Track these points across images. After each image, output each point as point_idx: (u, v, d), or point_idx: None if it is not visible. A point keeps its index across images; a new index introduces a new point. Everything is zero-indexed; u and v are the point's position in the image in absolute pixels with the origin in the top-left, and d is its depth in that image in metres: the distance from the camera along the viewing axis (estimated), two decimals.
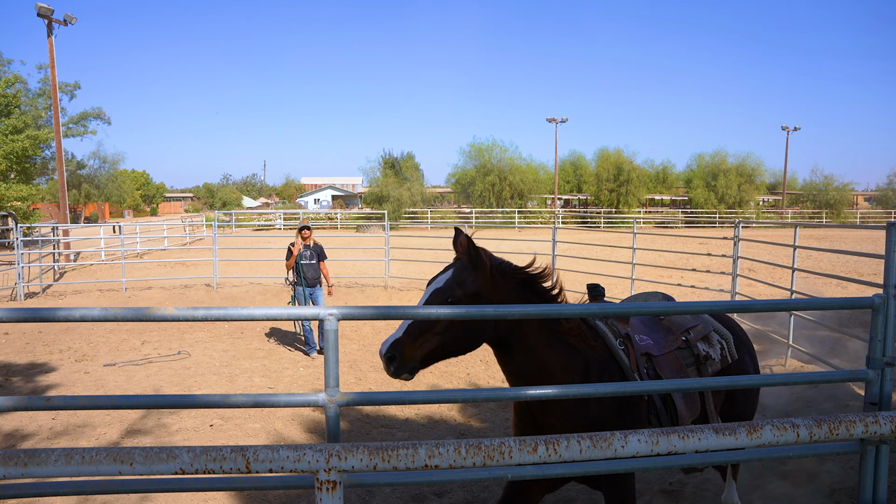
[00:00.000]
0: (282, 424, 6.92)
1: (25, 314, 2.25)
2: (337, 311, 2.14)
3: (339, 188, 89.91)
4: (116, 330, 11.51)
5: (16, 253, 15.12)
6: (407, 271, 18.67)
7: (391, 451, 1.94)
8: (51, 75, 24.70)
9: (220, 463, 1.90)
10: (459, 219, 48.30)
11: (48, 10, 23.43)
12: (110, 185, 54.65)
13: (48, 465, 1.92)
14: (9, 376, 8.80)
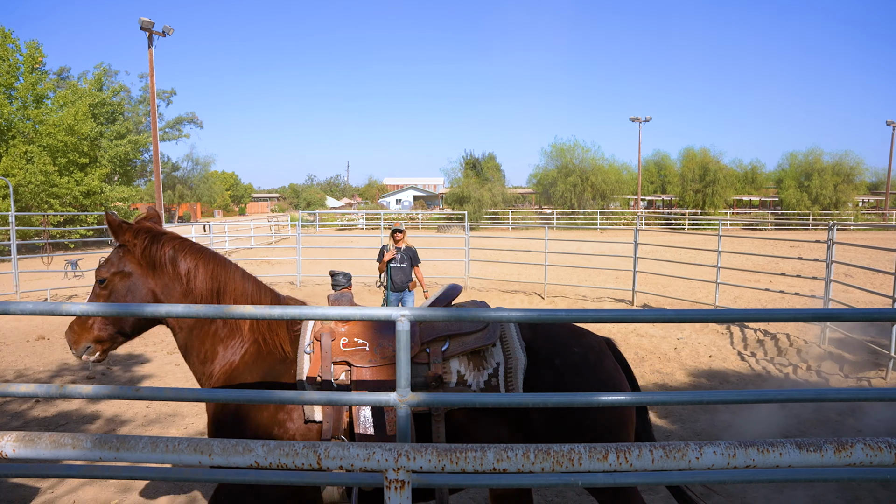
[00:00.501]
0: None
1: (117, 309, 2.38)
2: (409, 312, 2.16)
3: (421, 189, 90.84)
4: None
5: None
6: (487, 272, 18.68)
7: (459, 453, 1.94)
8: (150, 84, 26.05)
9: (293, 458, 1.96)
10: (540, 220, 47.94)
11: (149, 23, 24.74)
12: (202, 185, 57.13)
13: (137, 450, 2.03)
14: (110, 365, 9.33)
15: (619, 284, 16.29)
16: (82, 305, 2.30)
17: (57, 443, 2.08)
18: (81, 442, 2.07)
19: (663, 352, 10.03)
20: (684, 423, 6.93)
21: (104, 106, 36.59)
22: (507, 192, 56.62)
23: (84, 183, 32.34)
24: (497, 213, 50.03)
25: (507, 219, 47.68)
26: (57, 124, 30.92)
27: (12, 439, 2.06)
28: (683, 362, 9.48)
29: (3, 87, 30.71)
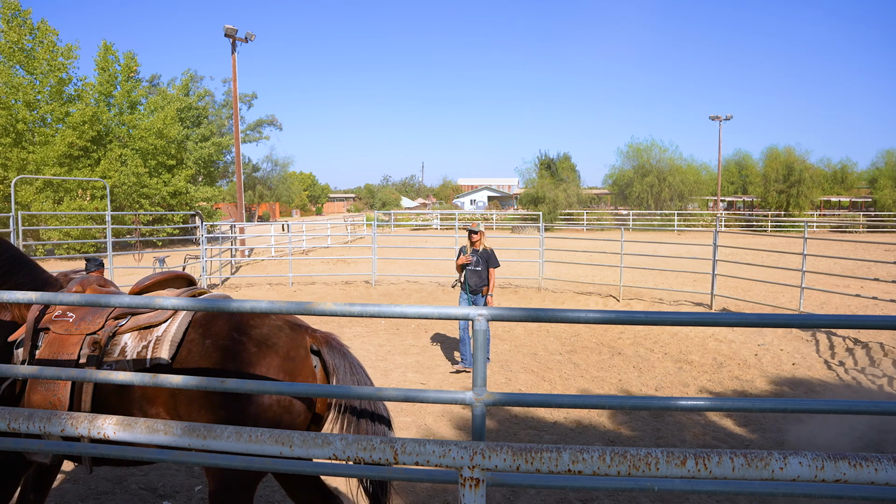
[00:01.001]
0: (431, 420, 7.12)
1: (205, 304, 2.50)
2: (486, 311, 2.18)
3: (495, 189, 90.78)
4: None
5: (201, 248, 16.66)
6: (561, 273, 18.51)
7: (535, 453, 1.95)
8: (233, 88, 26.96)
9: (370, 452, 2.01)
10: (616, 221, 47.13)
11: (233, 30, 25.64)
12: (281, 186, 58.78)
13: (222, 439, 2.13)
14: None
15: (697, 287, 15.85)
16: (173, 300, 2.42)
17: (151, 428, 2.20)
18: (172, 429, 2.19)
19: (743, 358, 9.72)
20: (765, 433, 6.70)
21: (190, 110, 38.16)
22: (582, 192, 55.92)
23: (171, 184, 33.80)
24: (572, 213, 49.49)
25: (581, 219, 47.09)
26: (148, 128, 32.46)
27: (113, 423, 2.19)
28: (764, 369, 9.16)
29: (103, 95, 32.52)
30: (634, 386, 8.56)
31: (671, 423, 7.07)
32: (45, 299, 2.63)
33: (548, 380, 8.72)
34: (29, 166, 28.68)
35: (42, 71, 29.83)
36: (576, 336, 11.18)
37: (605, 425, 7.13)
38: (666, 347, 10.40)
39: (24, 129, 29.32)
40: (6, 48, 28.94)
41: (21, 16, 29.46)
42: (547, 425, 7.09)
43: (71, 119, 29.63)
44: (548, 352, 10.19)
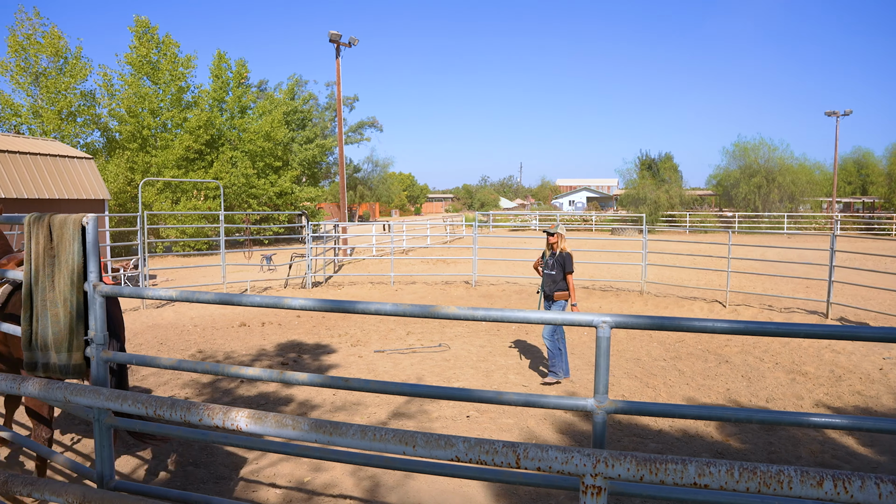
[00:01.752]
0: (534, 423, 7.08)
1: (332, 305, 2.60)
2: (610, 318, 2.16)
3: (594, 189, 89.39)
4: (385, 320, 12.60)
5: (306, 247, 17.25)
6: (664, 276, 18.02)
7: (660, 464, 1.92)
8: (337, 92, 27.77)
9: (493, 456, 2.03)
10: (720, 223, 45.30)
11: (337, 35, 26.43)
12: (381, 186, 60.00)
13: (347, 436, 2.20)
14: (301, 354, 10.09)
15: (811, 294, 15.04)
16: (300, 300, 2.52)
17: (280, 423, 2.31)
18: (300, 424, 2.28)
19: (865, 371, 9.13)
20: (894, 456, 6.28)
21: (296, 113, 39.60)
22: (685, 193, 53.98)
23: (277, 184, 35.16)
24: (674, 215, 47.94)
25: (684, 221, 45.55)
26: (257, 132, 33.95)
27: (245, 415, 2.31)
28: (892, 385, 8.57)
29: (216, 101, 34.32)
30: (743, 396, 8.20)
31: (784, 437, 6.74)
32: (183, 296, 2.80)
33: (651, 386, 8.50)
34: (151, 169, 30.60)
35: (165, 81, 31.82)
36: (680, 342, 10.85)
37: (712, 436, 6.88)
38: (777, 357, 9.92)
39: (149, 135, 31.36)
40: (136, 62, 31.16)
41: (150, 32, 31.56)
42: (651, 433, 6.91)
43: (188, 124, 31.42)
44: (651, 357, 9.94)
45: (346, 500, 5.23)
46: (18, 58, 28.71)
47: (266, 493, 5.36)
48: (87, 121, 30.41)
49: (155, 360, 3.09)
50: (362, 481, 5.54)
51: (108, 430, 3.12)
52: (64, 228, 3.23)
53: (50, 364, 3.33)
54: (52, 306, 3.26)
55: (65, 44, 29.60)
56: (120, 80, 31.68)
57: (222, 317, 13.25)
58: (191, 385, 8.39)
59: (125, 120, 30.86)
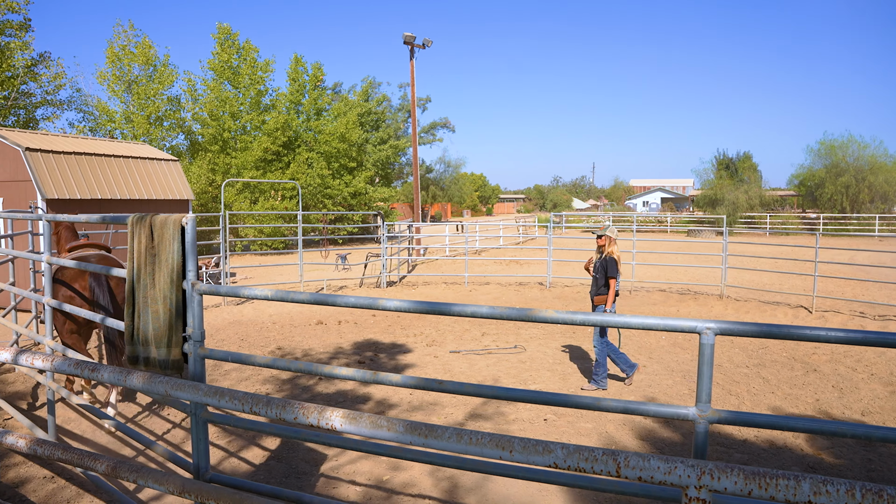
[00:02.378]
0: (613, 428, 6.95)
1: (428, 307, 2.60)
2: (714, 325, 2.08)
3: (669, 190, 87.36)
4: (460, 321, 12.63)
5: (381, 247, 17.47)
6: (743, 280, 17.43)
7: (770, 479, 1.83)
8: (411, 93, 28.00)
9: (592, 463, 1.98)
10: (803, 225, 43.51)
11: (411, 37, 26.70)
12: (453, 187, 60.19)
13: (443, 439, 2.19)
14: (377, 352, 10.21)
15: None
16: (396, 301, 2.54)
17: (375, 423, 2.32)
18: (395, 426, 2.29)
19: None
20: None
21: (369, 115, 40.21)
22: (765, 194, 51.94)
23: (352, 185, 35.77)
24: (753, 216, 46.29)
25: (763, 223, 43.93)
26: (332, 133, 34.63)
27: (340, 415, 2.33)
28: None
29: (293, 103, 35.24)
30: (835, 408, 7.82)
31: (885, 454, 6.39)
32: (279, 296, 2.87)
33: (734, 394, 8.22)
34: (231, 170, 31.64)
35: (244, 85, 32.89)
36: (763, 349, 10.46)
37: (802, 448, 6.59)
38: (872, 367, 9.42)
39: (229, 138, 32.48)
40: (218, 67, 32.38)
41: (231, 38, 32.73)
42: (736, 443, 6.68)
43: (266, 127, 32.35)
44: (733, 364, 9.61)
45: (424, 500, 5.26)
46: (115, 67, 30.31)
47: (346, 490, 5.43)
48: (172, 124, 31.78)
49: (251, 358, 3.17)
50: (440, 482, 5.56)
51: (205, 423, 3.22)
52: (164, 228, 3.36)
53: (150, 359, 3.48)
54: (153, 303, 3.40)
55: (154, 52, 31.05)
56: (203, 85, 33.01)
57: (300, 314, 13.55)
58: (271, 381, 8.61)
59: (207, 123, 32.06)
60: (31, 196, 13.28)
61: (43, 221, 5.11)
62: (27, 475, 5.56)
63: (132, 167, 15.63)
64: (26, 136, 14.54)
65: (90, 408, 4.98)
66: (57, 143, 14.58)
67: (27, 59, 23.73)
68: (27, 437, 3.15)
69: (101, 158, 14.99)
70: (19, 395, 7.89)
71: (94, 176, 14.59)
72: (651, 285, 16.91)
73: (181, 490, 2.73)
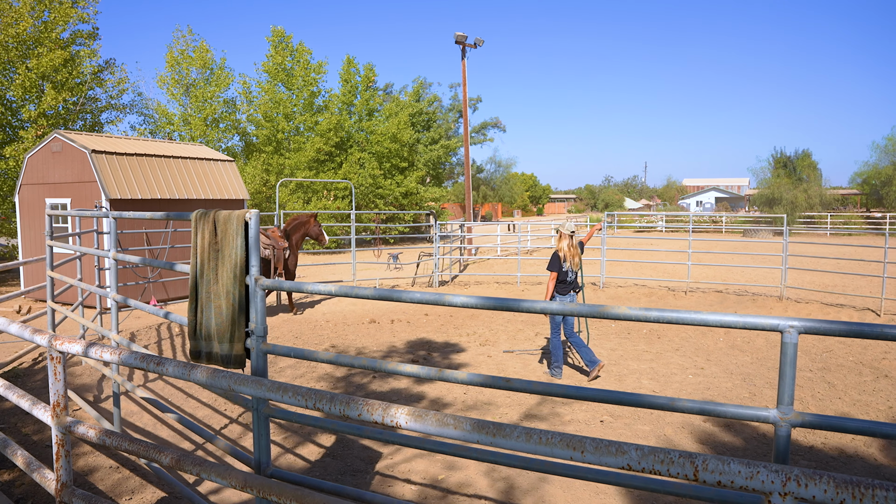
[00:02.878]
0: (671, 431, 6.79)
1: (496, 303, 2.55)
2: (798, 323, 1.98)
3: (723, 189, 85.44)
4: (513, 320, 12.54)
5: (434, 246, 17.49)
6: (803, 281, 16.88)
7: (865, 488, 1.72)
8: (463, 92, 27.97)
9: (668, 466, 1.90)
10: (868, 225, 41.97)
11: (463, 37, 26.65)
12: (503, 186, 59.97)
13: (511, 438, 2.14)
14: (430, 351, 10.21)
15: None
16: (462, 297, 2.50)
17: (441, 422, 2.28)
18: (462, 424, 2.25)
19: None
20: None
21: (421, 115, 40.31)
22: (825, 193, 50.26)
23: (403, 185, 35.93)
24: (812, 216, 44.85)
25: (824, 223, 42.53)
26: (384, 133, 34.86)
27: (405, 413, 2.30)
28: None
29: (345, 104, 35.62)
30: None
31: None
32: (343, 291, 2.86)
33: (798, 399, 7.94)
34: (285, 170, 32.14)
35: (298, 86, 33.38)
36: (828, 352, 10.09)
37: (875, 458, 6.31)
38: None
39: (282, 138, 33.02)
40: (272, 69, 32.97)
41: (285, 41, 33.28)
42: (801, 450, 6.44)
43: (319, 127, 32.74)
44: (796, 368, 9.29)
45: (480, 500, 5.21)
46: (174, 71, 31.16)
47: (402, 488, 5.42)
48: (228, 126, 32.42)
49: (313, 354, 3.17)
50: (496, 482, 5.50)
51: (267, 419, 3.24)
52: (228, 224, 3.39)
53: (213, 354, 3.51)
54: (216, 298, 3.43)
55: (211, 56, 31.75)
56: (257, 88, 33.59)
57: (352, 313, 13.66)
58: (326, 379, 8.68)
59: (261, 124, 32.63)
60: (97, 196, 13.71)
61: (108, 219, 5.24)
62: (95, 464, 5.72)
63: (190, 168, 15.99)
64: (92, 139, 15.02)
65: (153, 401, 5.09)
66: (120, 146, 15.03)
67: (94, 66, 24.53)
68: (97, 428, 3.22)
69: (161, 159, 15.39)
70: (86, 388, 8.14)
71: (154, 176, 14.98)
72: (707, 286, 16.52)
73: (243, 485, 2.74)
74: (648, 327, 11.62)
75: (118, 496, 5.12)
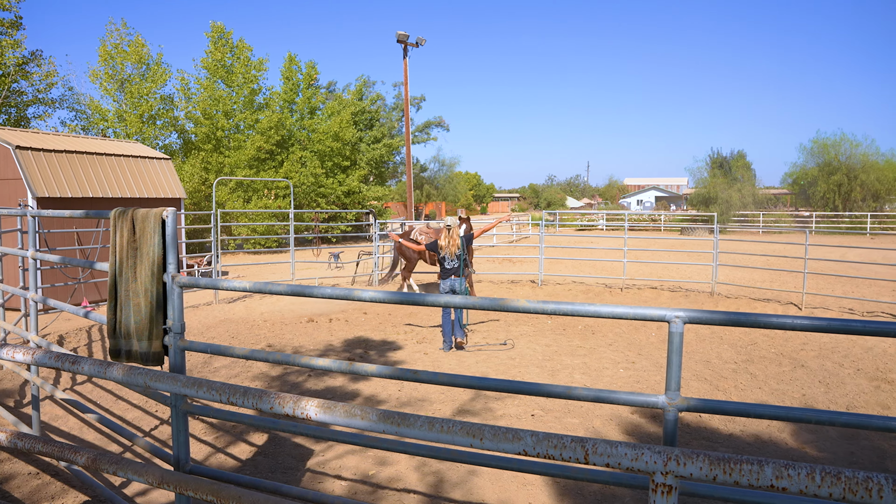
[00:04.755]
0: (599, 423, 6.98)
1: (402, 297, 2.62)
2: (683, 313, 2.10)
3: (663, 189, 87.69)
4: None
5: (373, 245, 17.47)
6: (735, 278, 17.48)
7: (734, 464, 1.85)
8: (404, 92, 28.04)
9: (561, 450, 2.00)
10: (797, 223, 43.64)
11: (405, 35, 26.71)
12: (447, 185, 60.15)
13: (415, 427, 2.21)
14: (367, 349, 10.23)
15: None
16: (371, 292, 2.55)
17: (349, 413, 2.33)
18: (369, 414, 2.31)
19: None
20: None
21: (363, 114, 40.13)
22: (758, 192, 52.11)
23: (345, 184, 35.73)
24: (746, 215, 46.41)
25: (757, 221, 44.05)
26: (325, 132, 34.58)
27: (315, 405, 2.35)
28: None
29: (287, 102, 35.19)
30: (821, 403, 7.87)
31: (867, 447, 6.43)
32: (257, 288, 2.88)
33: (722, 389, 8.26)
34: (224, 169, 31.58)
35: (238, 83, 32.81)
36: (752, 345, 10.51)
37: (787, 442, 6.62)
38: (858, 363, 9.48)
39: (222, 136, 32.41)
40: (212, 66, 32.31)
41: (225, 37, 32.66)
42: (721, 437, 6.72)
43: (260, 125, 32.28)
44: (721, 360, 9.65)
45: (410, 494, 5.27)
46: (107, 66, 30.15)
47: (332, 484, 5.45)
48: (165, 123, 31.62)
49: (229, 350, 3.18)
50: (426, 476, 5.58)
51: (185, 415, 3.23)
52: (146, 222, 3.37)
53: (132, 352, 3.49)
54: (135, 296, 3.41)
55: (147, 51, 30.88)
56: (196, 84, 32.86)
57: (291, 312, 13.56)
58: (261, 378, 8.61)
59: (200, 122, 31.95)
60: (22, 195, 13.25)
61: (28, 217, 5.11)
62: (12, 471, 5.56)
63: (124, 166, 15.59)
64: (16, 135, 14.50)
65: (74, 402, 4.99)
66: (48, 142, 14.55)
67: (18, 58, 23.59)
68: (8, 431, 3.16)
69: (93, 157, 14.96)
70: (7, 393, 7.89)
71: (86, 174, 14.55)
72: (643, 283, 16.95)
73: (160, 481, 2.74)
74: (584, 324, 11.88)
75: (36, 502, 5.00)
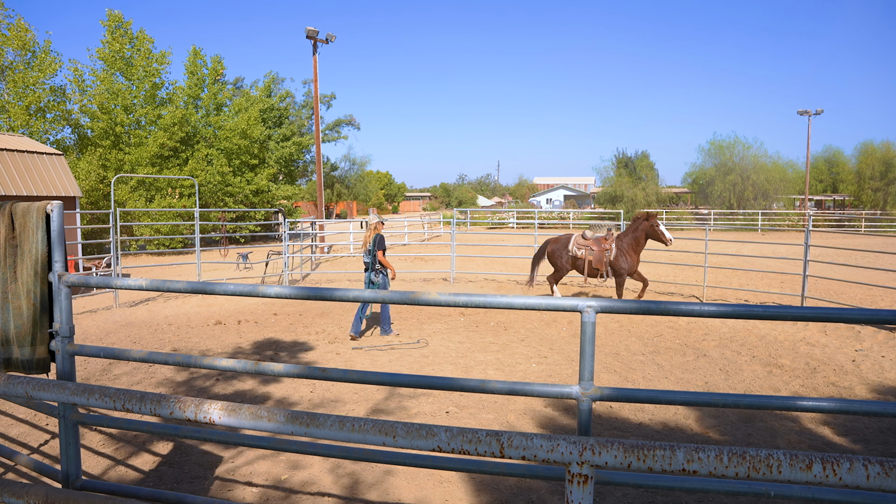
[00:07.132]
0: (514, 417, 7.03)
1: (309, 293, 2.51)
2: (595, 303, 2.10)
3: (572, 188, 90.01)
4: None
5: (283, 244, 17.08)
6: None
7: (648, 450, 1.86)
8: (314, 89, 27.55)
9: (476, 445, 1.95)
10: (696, 220, 45.72)
11: (314, 31, 26.22)
12: (358, 185, 59.75)
13: (325, 427, 2.12)
14: (278, 351, 9.95)
15: (785, 289, 15.21)
16: (277, 288, 2.43)
17: (255, 414, 2.22)
18: (276, 416, 2.20)
19: (839, 363, 9.22)
20: (869, 444, 6.32)
21: (272, 111, 39.23)
22: (661, 191, 54.56)
23: (254, 182, 34.82)
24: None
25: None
26: (233, 129, 33.58)
27: (219, 408, 2.22)
28: (864, 376, 8.65)
29: (191, 98, 33.91)
30: (722, 389, 8.23)
31: (762, 428, 6.76)
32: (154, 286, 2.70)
33: (630, 380, 8.50)
34: (125, 166, 30.13)
35: (138, 77, 31.35)
36: (658, 337, 10.89)
37: (692, 428, 6.87)
38: (754, 350, 9.99)
39: (122, 132, 30.87)
40: (109, 57, 30.67)
41: (123, 27, 31.08)
42: (631, 426, 6.89)
43: (162, 121, 30.98)
44: (630, 352, 9.94)
45: (324, 497, 5.14)
46: None
47: (242, 491, 5.24)
48: (56, 117, 29.77)
49: (125, 353, 2.98)
50: (341, 478, 5.45)
51: (75, 426, 3.00)
52: (27, 217, 3.10)
53: (12, 360, 3.20)
54: (15, 298, 3.13)
55: (32, 37, 28.93)
56: (92, 76, 31.17)
57: (197, 315, 13.06)
58: (165, 384, 8.23)
59: (97, 116, 30.33)
60: None
61: None
62: None
63: (8, 161, 14.60)
64: None
65: None
66: None
67: None
68: None
69: None
70: None
71: None
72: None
73: (45, 501, 2.52)
74: (496, 320, 11.98)
75: None
